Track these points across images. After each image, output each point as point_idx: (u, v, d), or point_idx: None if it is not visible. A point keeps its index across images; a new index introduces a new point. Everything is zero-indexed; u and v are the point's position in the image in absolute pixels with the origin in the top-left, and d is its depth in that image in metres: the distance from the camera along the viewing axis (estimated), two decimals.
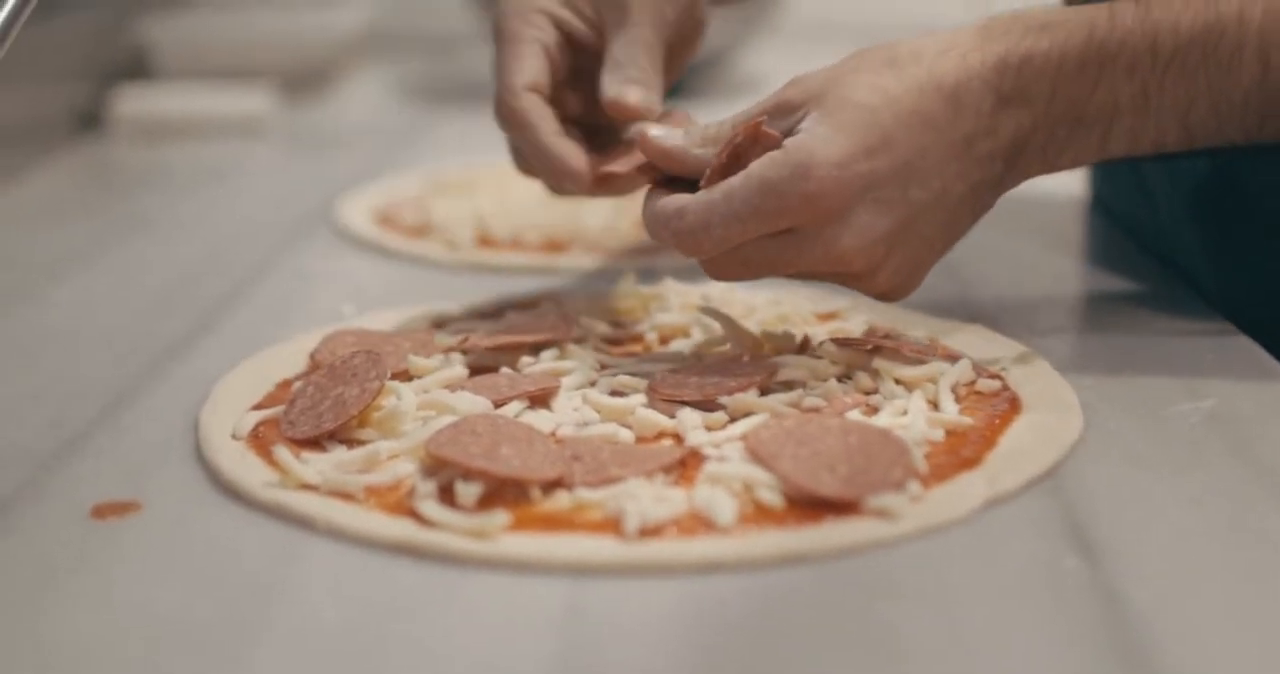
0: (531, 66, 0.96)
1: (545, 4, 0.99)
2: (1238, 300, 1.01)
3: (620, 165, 0.93)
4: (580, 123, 0.98)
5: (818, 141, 0.80)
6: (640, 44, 0.96)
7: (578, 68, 0.99)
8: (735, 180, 0.81)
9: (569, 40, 0.98)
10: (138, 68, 1.89)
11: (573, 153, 0.94)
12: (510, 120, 0.96)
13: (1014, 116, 0.83)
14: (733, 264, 0.84)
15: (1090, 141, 0.84)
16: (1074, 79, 0.83)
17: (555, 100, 0.97)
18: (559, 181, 0.96)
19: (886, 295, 0.86)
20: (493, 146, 1.55)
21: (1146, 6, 0.83)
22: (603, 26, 0.98)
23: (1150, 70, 0.83)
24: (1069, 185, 1.30)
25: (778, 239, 0.82)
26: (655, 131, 0.86)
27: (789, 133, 0.82)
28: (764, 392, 0.83)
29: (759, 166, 0.81)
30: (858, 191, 0.80)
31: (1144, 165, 1.09)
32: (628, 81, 0.94)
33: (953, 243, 0.87)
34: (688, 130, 0.86)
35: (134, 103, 1.72)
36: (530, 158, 0.96)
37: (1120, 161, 0.87)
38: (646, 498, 0.71)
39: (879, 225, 0.81)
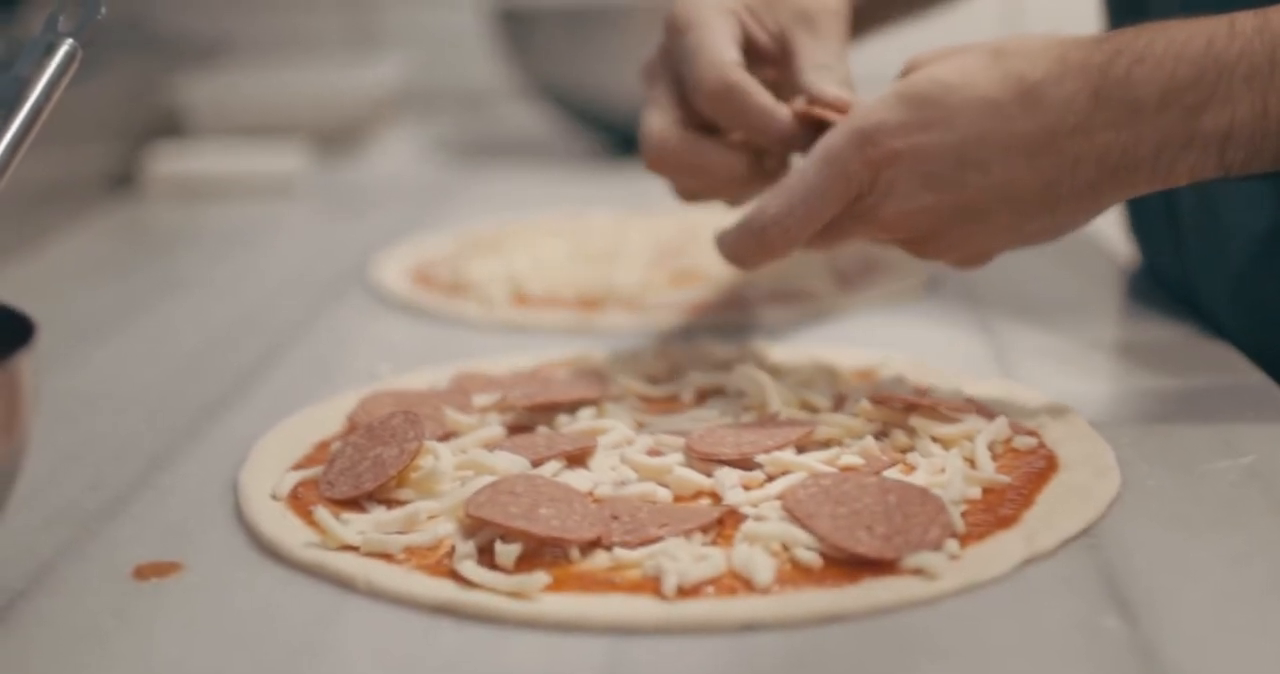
0: (730, 46, 0.96)
1: (731, 4, 0.98)
2: (1269, 352, 1.01)
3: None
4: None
5: (880, 108, 0.83)
6: (837, 53, 0.97)
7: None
8: (805, 160, 0.84)
9: (749, 46, 0.98)
10: (171, 127, 1.90)
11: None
12: (722, 93, 0.94)
13: (1113, 121, 0.81)
14: (814, 238, 0.87)
15: (1208, 155, 0.81)
16: (1188, 88, 0.80)
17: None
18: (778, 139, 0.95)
19: (951, 265, 0.88)
20: (527, 203, 1.57)
21: (1265, 16, 0.81)
22: (785, 39, 0.98)
23: (1269, 80, 0.80)
24: (1102, 234, 1.30)
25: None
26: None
27: None
28: (801, 450, 0.83)
29: (824, 138, 0.84)
30: (908, 161, 0.82)
31: (1180, 215, 1.09)
32: (839, 83, 0.95)
33: (1029, 240, 0.86)
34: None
35: (168, 162, 1.74)
36: (751, 127, 0.95)
37: (1156, 209, 0.86)
38: (685, 557, 0.71)
39: (923, 198, 0.83)
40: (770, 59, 0.99)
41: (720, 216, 1.33)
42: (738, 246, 0.87)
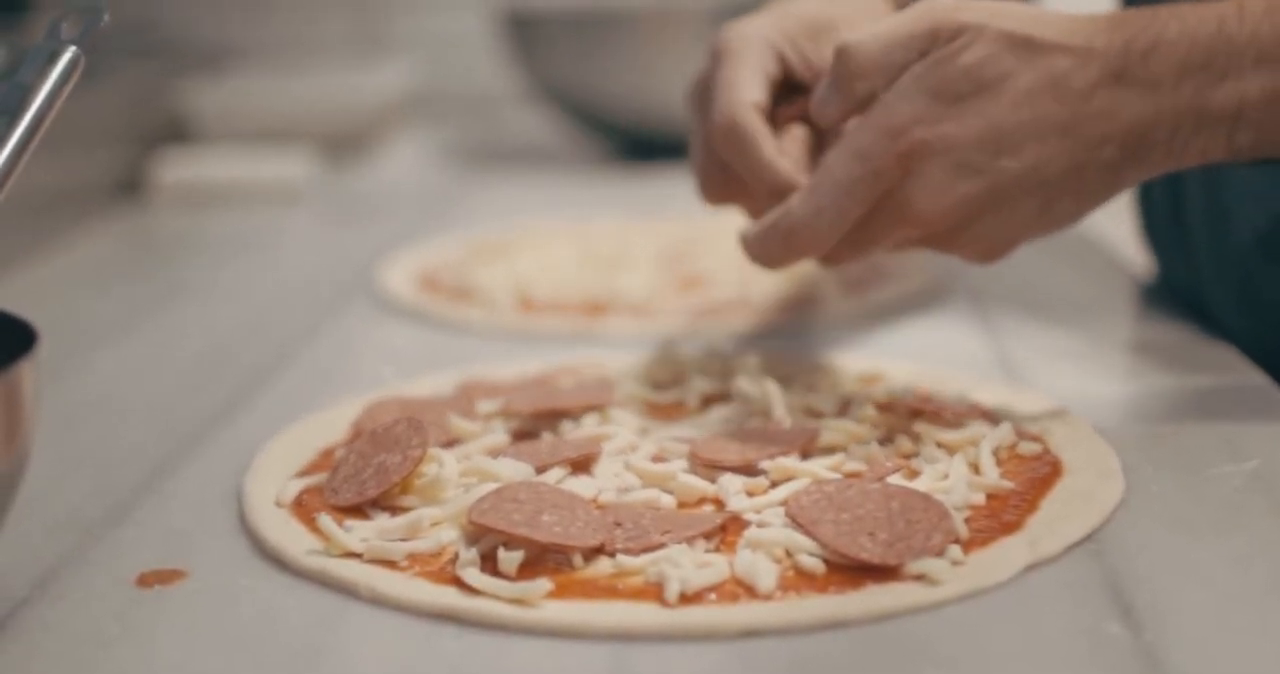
0: (755, 84, 0.93)
1: (770, 35, 0.96)
2: (1276, 355, 1.00)
3: None
4: None
5: (904, 100, 0.82)
6: None
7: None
8: (828, 156, 0.83)
9: (784, 74, 0.96)
10: (177, 133, 1.90)
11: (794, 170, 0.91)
12: (732, 135, 0.92)
13: (1135, 102, 0.82)
14: (842, 245, 0.85)
15: (1217, 136, 0.83)
16: (1201, 69, 0.81)
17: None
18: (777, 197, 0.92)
19: (973, 261, 0.87)
20: (533, 209, 1.57)
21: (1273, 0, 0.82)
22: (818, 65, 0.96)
23: (1278, 63, 0.81)
24: (1109, 240, 1.30)
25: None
26: None
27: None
28: (805, 456, 0.83)
29: (849, 133, 0.82)
30: (939, 151, 0.81)
31: (1189, 221, 1.09)
32: None
33: (1052, 226, 0.86)
34: None
35: (173, 169, 1.74)
36: (750, 176, 0.92)
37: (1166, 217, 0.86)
38: (688, 564, 0.71)
39: (957, 188, 0.82)
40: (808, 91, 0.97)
41: (728, 220, 1.33)
42: (765, 250, 0.86)
